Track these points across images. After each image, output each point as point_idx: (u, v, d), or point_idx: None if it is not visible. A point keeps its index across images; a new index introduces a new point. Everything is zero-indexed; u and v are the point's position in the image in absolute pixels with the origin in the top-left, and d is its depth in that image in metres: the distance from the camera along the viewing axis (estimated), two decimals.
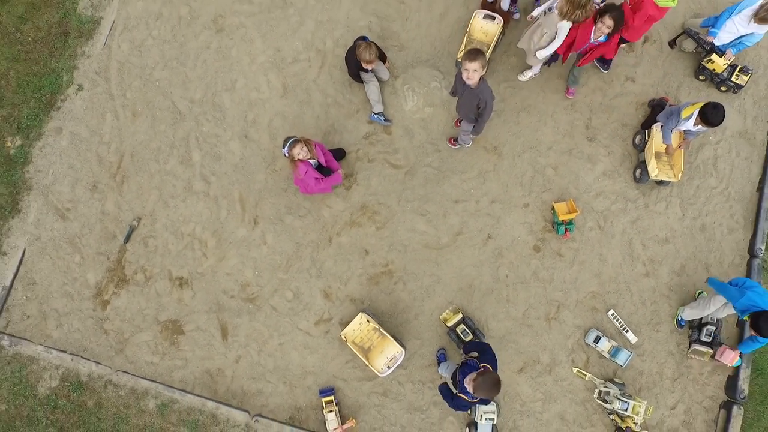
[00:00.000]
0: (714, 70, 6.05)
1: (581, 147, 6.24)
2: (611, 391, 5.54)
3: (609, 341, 5.76)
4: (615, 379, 5.74)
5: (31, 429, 5.91)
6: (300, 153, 5.26)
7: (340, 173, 5.81)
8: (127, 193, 6.26)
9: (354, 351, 5.54)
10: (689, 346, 5.80)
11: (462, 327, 5.65)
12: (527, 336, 5.90)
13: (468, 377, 4.21)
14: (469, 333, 5.64)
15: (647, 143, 5.93)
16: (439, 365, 5.70)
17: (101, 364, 5.98)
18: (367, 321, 5.53)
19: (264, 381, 5.91)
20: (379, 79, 6.22)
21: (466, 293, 5.98)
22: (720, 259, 6.04)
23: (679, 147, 5.74)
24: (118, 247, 6.16)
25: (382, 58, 6.05)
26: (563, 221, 5.91)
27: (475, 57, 4.55)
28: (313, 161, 5.52)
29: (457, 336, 5.66)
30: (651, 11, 5.28)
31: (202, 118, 6.38)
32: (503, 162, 6.22)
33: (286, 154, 5.30)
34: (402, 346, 5.53)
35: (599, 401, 5.67)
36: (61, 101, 6.48)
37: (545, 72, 6.33)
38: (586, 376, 5.79)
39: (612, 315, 5.89)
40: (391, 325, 5.90)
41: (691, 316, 5.63)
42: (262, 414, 5.85)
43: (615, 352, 5.73)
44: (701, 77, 6.27)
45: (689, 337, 5.85)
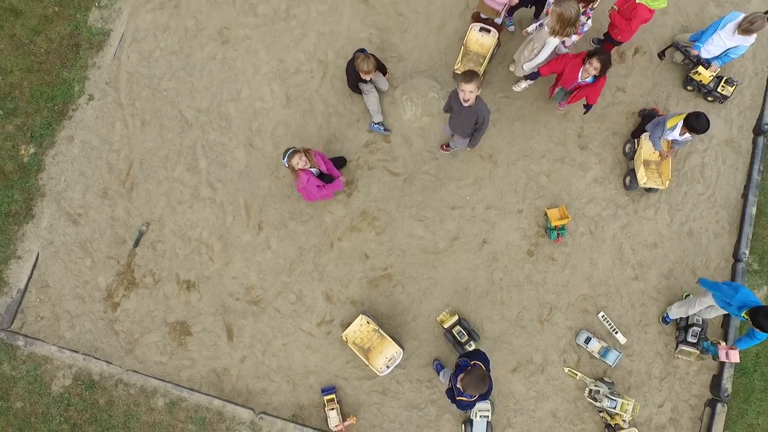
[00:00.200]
0: (701, 81, 6.24)
1: (573, 155, 6.42)
2: (601, 390, 5.73)
3: (599, 342, 5.95)
4: (605, 379, 5.94)
5: (46, 426, 6.12)
6: (299, 162, 5.35)
7: (341, 180, 5.93)
8: (137, 200, 6.44)
9: (354, 351, 5.71)
10: (676, 346, 6.00)
11: (458, 328, 5.84)
12: (521, 337, 6.10)
13: (458, 378, 4.46)
14: (465, 334, 5.82)
15: (636, 152, 6.13)
16: (439, 374, 5.87)
17: (112, 363, 6.18)
18: (367, 322, 5.70)
19: (268, 380, 6.11)
20: (379, 90, 6.37)
21: (462, 296, 6.18)
22: (706, 263, 6.25)
23: (667, 155, 5.94)
24: (127, 252, 6.35)
25: (382, 69, 6.19)
26: (556, 227, 6.11)
27: (471, 78, 4.74)
28: (314, 170, 5.62)
29: (453, 337, 5.85)
30: (645, 15, 5.53)
31: (208, 126, 6.56)
32: (498, 169, 6.41)
33: (286, 164, 5.39)
34: (400, 346, 5.70)
35: (589, 399, 5.87)
36: (73, 110, 6.66)
37: (539, 83, 6.48)
38: (577, 375, 5.99)
39: (602, 317, 6.09)
40: (390, 327, 6.09)
41: (678, 314, 5.84)
42: (266, 411, 6.05)
43: (605, 352, 5.92)
44: (689, 88, 6.47)
45: (676, 338, 6.05)
